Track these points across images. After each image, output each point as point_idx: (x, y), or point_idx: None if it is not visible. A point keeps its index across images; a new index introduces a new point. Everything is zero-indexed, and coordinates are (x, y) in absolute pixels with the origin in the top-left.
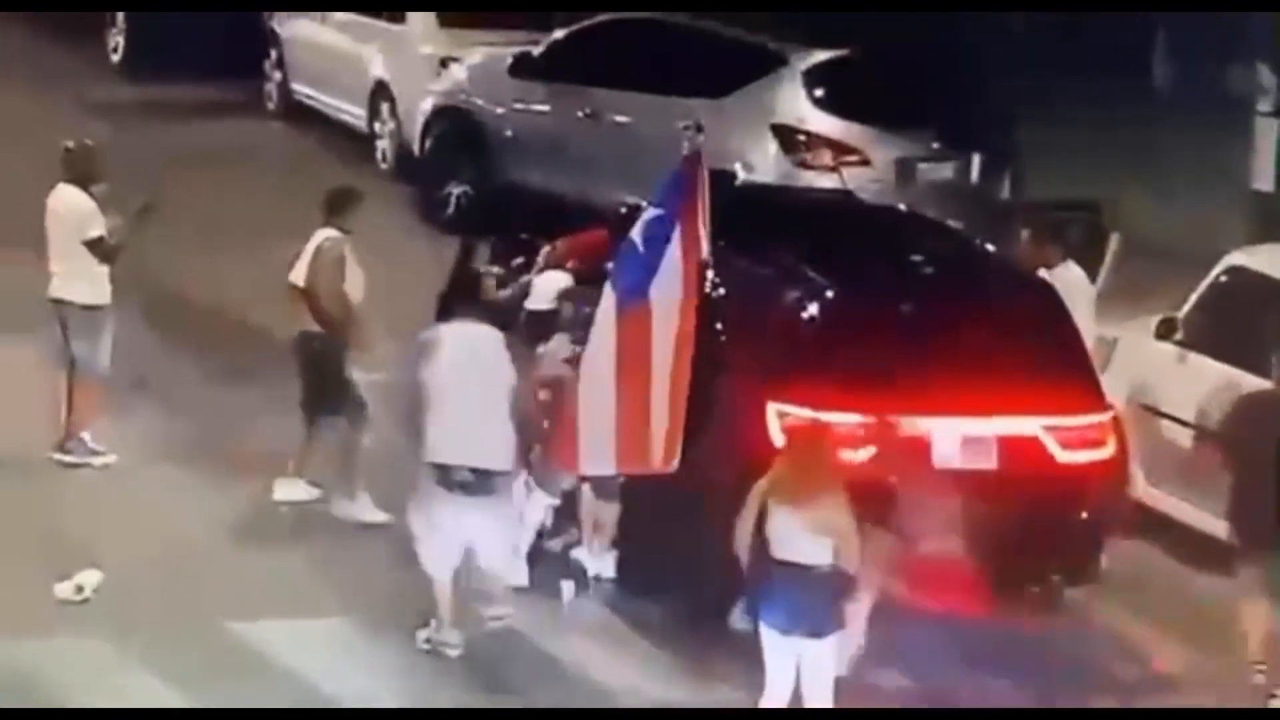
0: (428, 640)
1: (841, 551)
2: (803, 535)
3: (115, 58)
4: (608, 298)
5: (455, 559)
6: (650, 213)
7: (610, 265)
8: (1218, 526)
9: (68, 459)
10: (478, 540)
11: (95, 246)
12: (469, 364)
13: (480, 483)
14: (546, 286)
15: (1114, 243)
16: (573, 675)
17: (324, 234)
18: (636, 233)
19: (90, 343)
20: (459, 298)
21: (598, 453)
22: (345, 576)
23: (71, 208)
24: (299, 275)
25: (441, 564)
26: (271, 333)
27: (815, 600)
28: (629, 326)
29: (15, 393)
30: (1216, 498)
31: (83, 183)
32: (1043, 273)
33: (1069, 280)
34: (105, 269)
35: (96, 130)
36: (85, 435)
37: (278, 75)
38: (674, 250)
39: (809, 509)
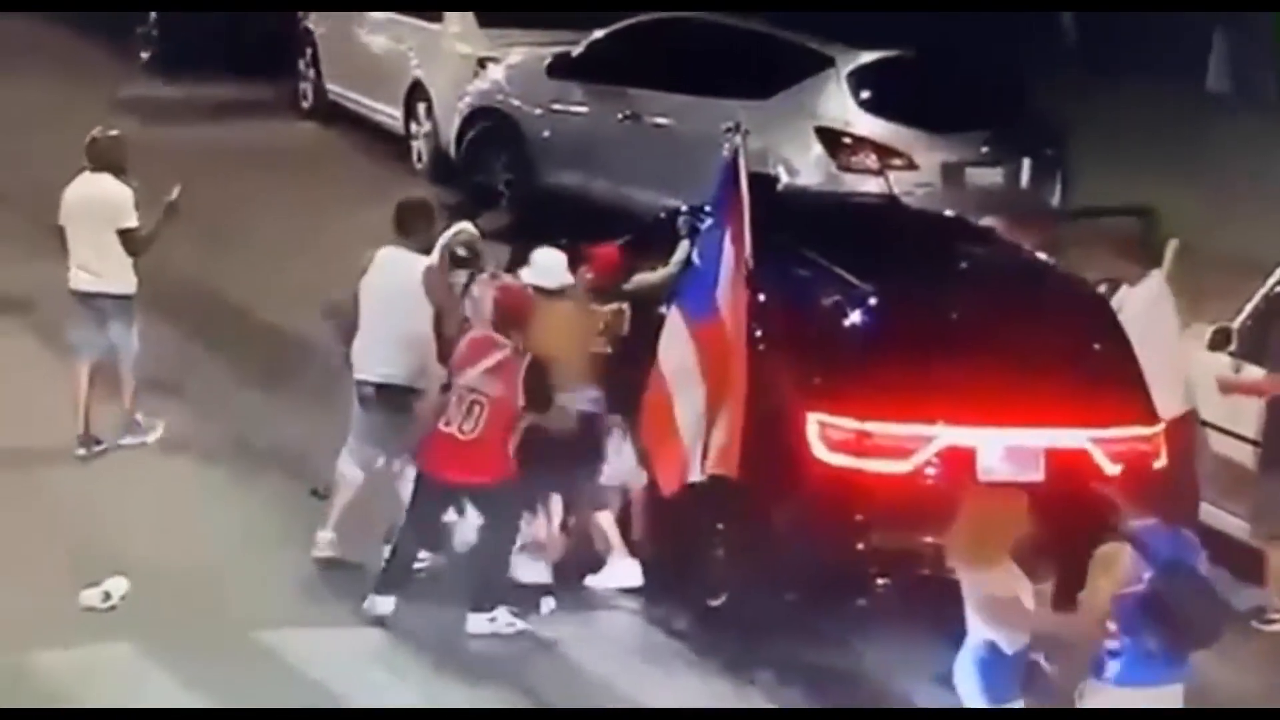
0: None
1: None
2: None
3: (146, 55)
4: (674, 315)
5: (362, 467)
6: (707, 223)
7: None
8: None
9: (125, 441)
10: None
11: (128, 237)
12: (385, 285)
13: (383, 399)
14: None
15: (1170, 250)
16: (605, 686)
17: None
18: (698, 244)
19: (127, 331)
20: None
21: (693, 465)
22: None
23: (108, 196)
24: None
25: (350, 468)
26: (301, 334)
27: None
28: (707, 339)
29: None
30: (1272, 514)
31: (113, 173)
32: (1123, 289)
33: (1155, 292)
34: (130, 259)
35: (124, 127)
36: (138, 416)
37: (312, 74)
38: (728, 257)
39: (984, 577)
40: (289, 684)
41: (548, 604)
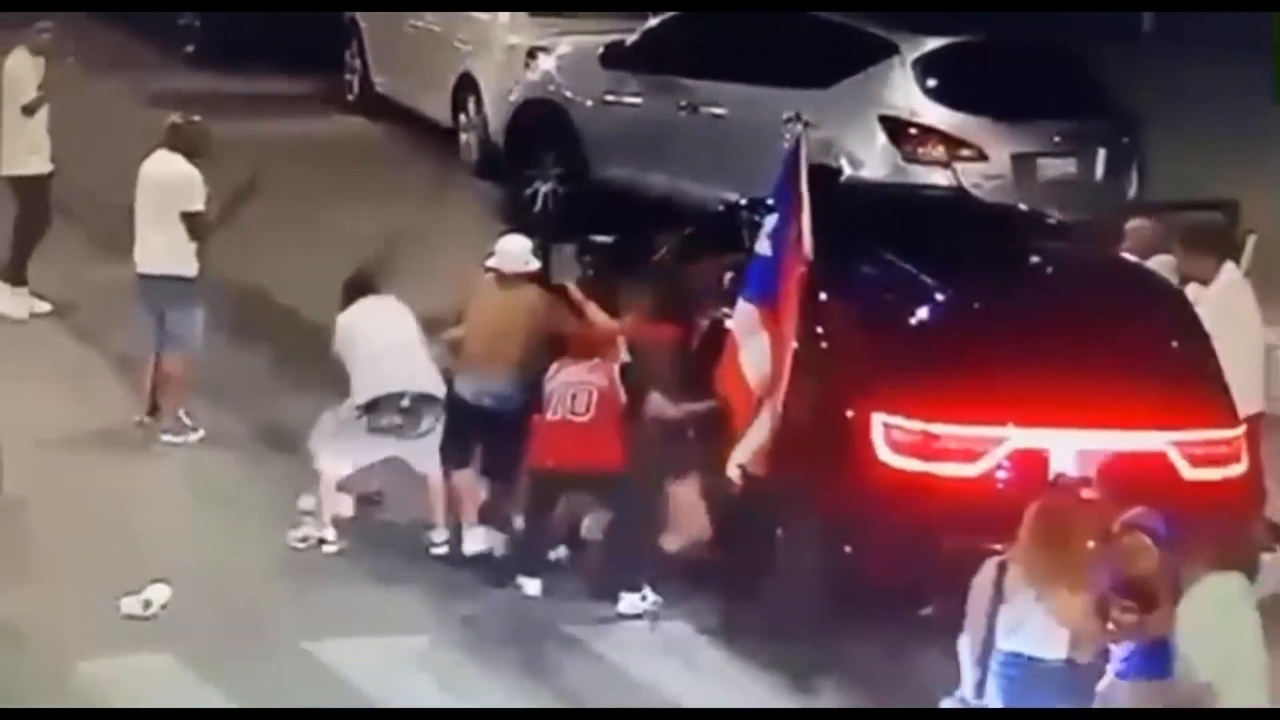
0: (303, 539)
1: (1078, 643)
2: (1041, 624)
3: (189, 49)
4: (742, 309)
5: (351, 469)
6: (770, 218)
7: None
8: None
9: (166, 439)
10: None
11: (193, 220)
12: (380, 317)
13: (411, 422)
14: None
15: (1250, 244)
16: (654, 691)
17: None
18: (762, 239)
19: (188, 316)
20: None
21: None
22: (423, 594)
23: (179, 176)
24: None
25: (337, 468)
26: None
27: (1038, 698)
28: (772, 331)
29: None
30: None
31: (189, 158)
32: (1193, 288)
33: (1235, 286)
34: (194, 243)
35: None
36: (183, 414)
37: (358, 66)
38: (787, 250)
39: (1052, 595)
40: (334, 694)
41: (531, 585)
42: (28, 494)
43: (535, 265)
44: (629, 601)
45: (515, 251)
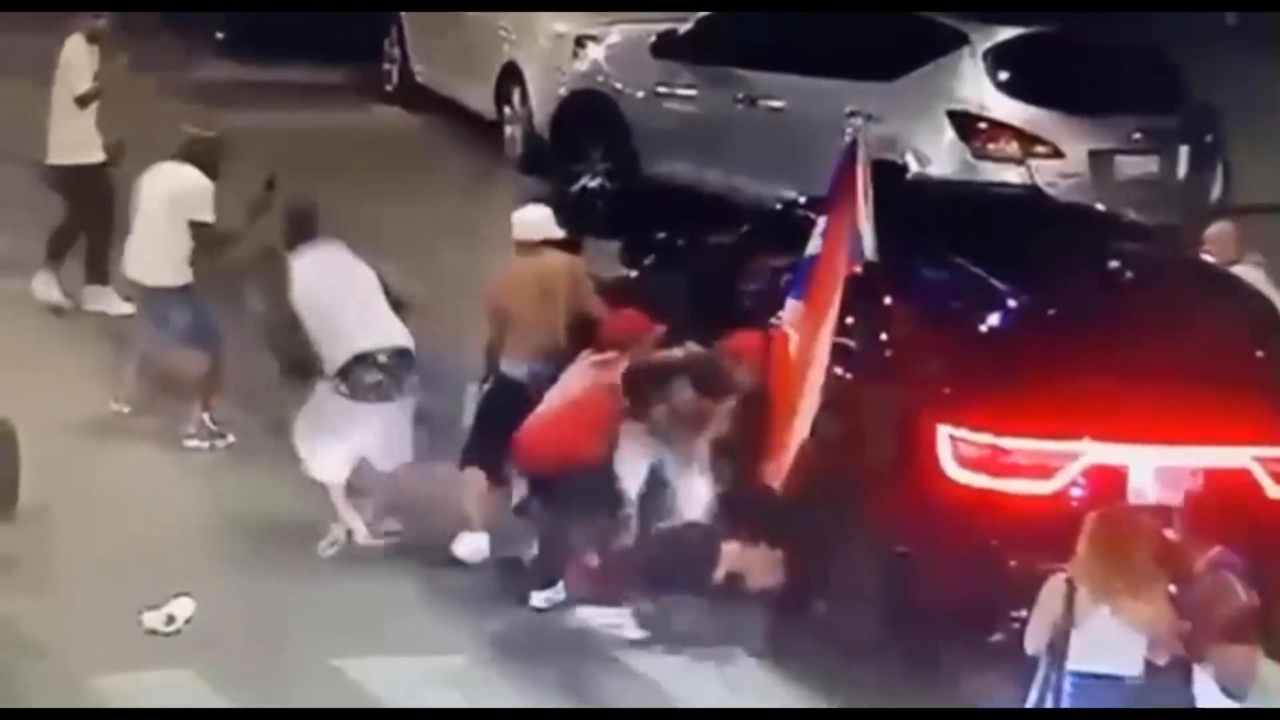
0: (333, 543)
1: (1155, 646)
2: (1117, 640)
3: (220, 36)
4: (791, 308)
5: (349, 465)
6: (824, 217)
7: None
8: None
9: (191, 445)
10: (373, 446)
11: (203, 232)
12: (336, 272)
13: (392, 379)
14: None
15: None
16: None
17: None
18: (814, 237)
19: (194, 317)
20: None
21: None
22: (451, 611)
23: (191, 188)
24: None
25: (336, 469)
26: None
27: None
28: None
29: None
30: None
31: (207, 168)
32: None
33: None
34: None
35: (195, 112)
36: (205, 417)
37: (398, 55)
38: (830, 249)
39: (1121, 604)
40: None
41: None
42: (48, 502)
43: (560, 232)
44: (543, 596)
45: (537, 220)
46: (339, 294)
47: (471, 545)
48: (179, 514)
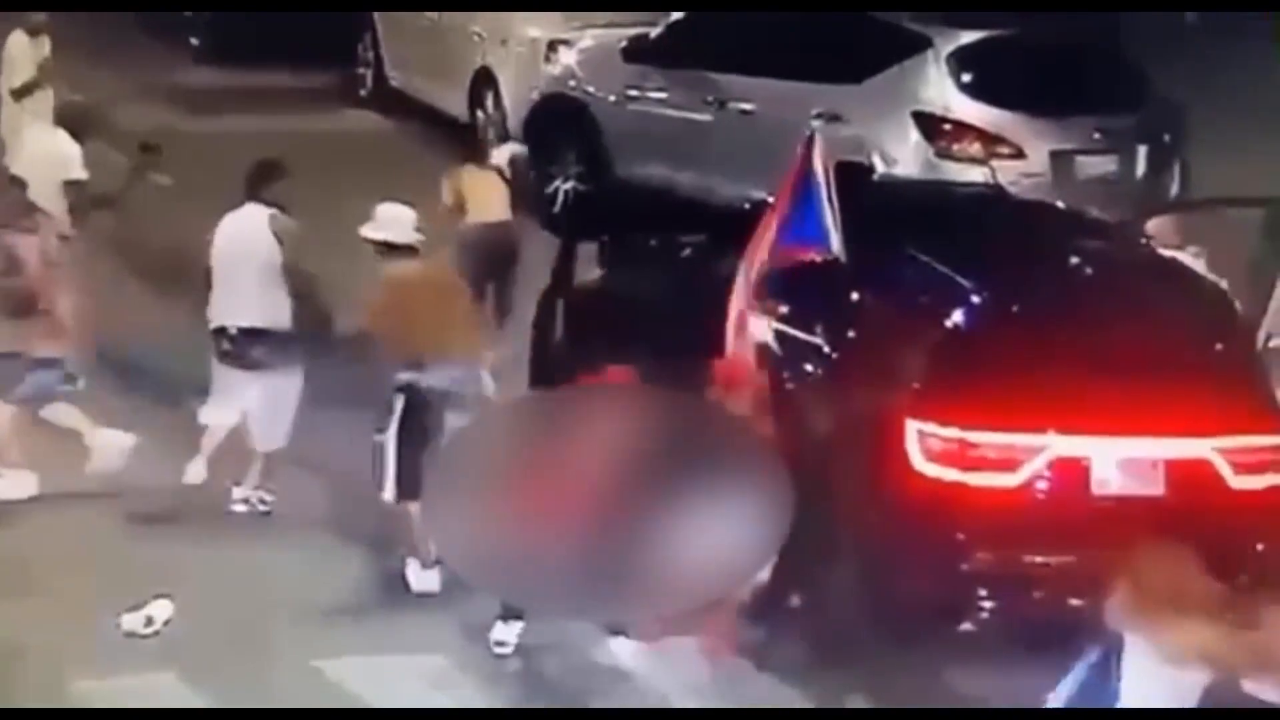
0: (244, 500)
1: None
2: (1163, 675)
3: (195, 41)
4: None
5: (224, 419)
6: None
7: None
8: None
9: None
10: (252, 414)
11: (74, 190)
12: (236, 238)
13: (246, 349)
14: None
15: None
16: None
17: None
18: None
19: None
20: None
21: None
22: (429, 611)
23: (59, 150)
24: None
25: (209, 415)
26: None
27: None
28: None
29: None
30: None
31: (78, 132)
32: None
33: None
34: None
35: (170, 117)
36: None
37: (372, 60)
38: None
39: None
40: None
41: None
42: (25, 506)
43: (417, 237)
44: (512, 631)
45: (407, 219)
46: (226, 262)
47: (424, 580)
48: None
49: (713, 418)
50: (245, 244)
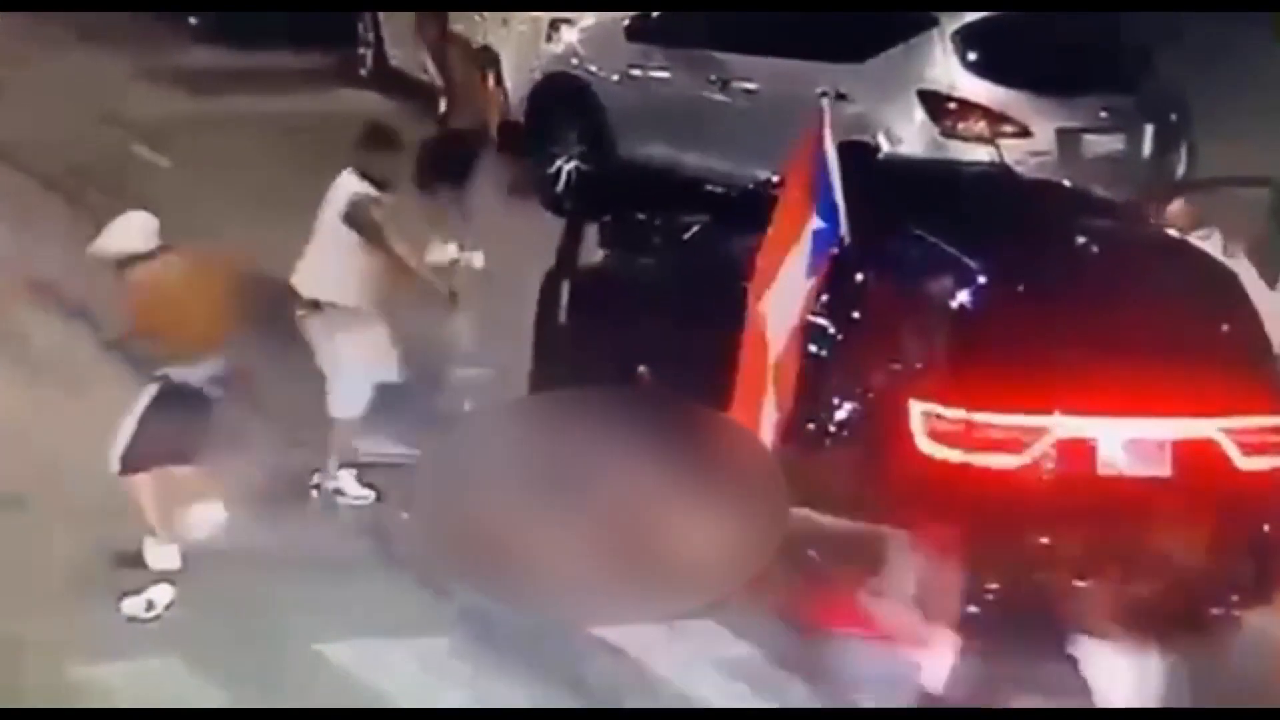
0: (316, 487)
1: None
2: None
3: (194, 21)
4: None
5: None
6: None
7: None
8: None
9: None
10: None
11: None
12: (326, 207)
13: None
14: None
15: None
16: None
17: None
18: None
19: None
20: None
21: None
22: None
23: None
24: None
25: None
26: None
27: None
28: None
29: None
30: None
31: None
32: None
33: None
34: None
35: (171, 99)
36: None
37: (373, 39)
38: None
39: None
40: (350, 698)
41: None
42: (25, 493)
43: (158, 241)
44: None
45: (152, 227)
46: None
47: (162, 557)
48: None
49: (706, 421)
50: (325, 208)
